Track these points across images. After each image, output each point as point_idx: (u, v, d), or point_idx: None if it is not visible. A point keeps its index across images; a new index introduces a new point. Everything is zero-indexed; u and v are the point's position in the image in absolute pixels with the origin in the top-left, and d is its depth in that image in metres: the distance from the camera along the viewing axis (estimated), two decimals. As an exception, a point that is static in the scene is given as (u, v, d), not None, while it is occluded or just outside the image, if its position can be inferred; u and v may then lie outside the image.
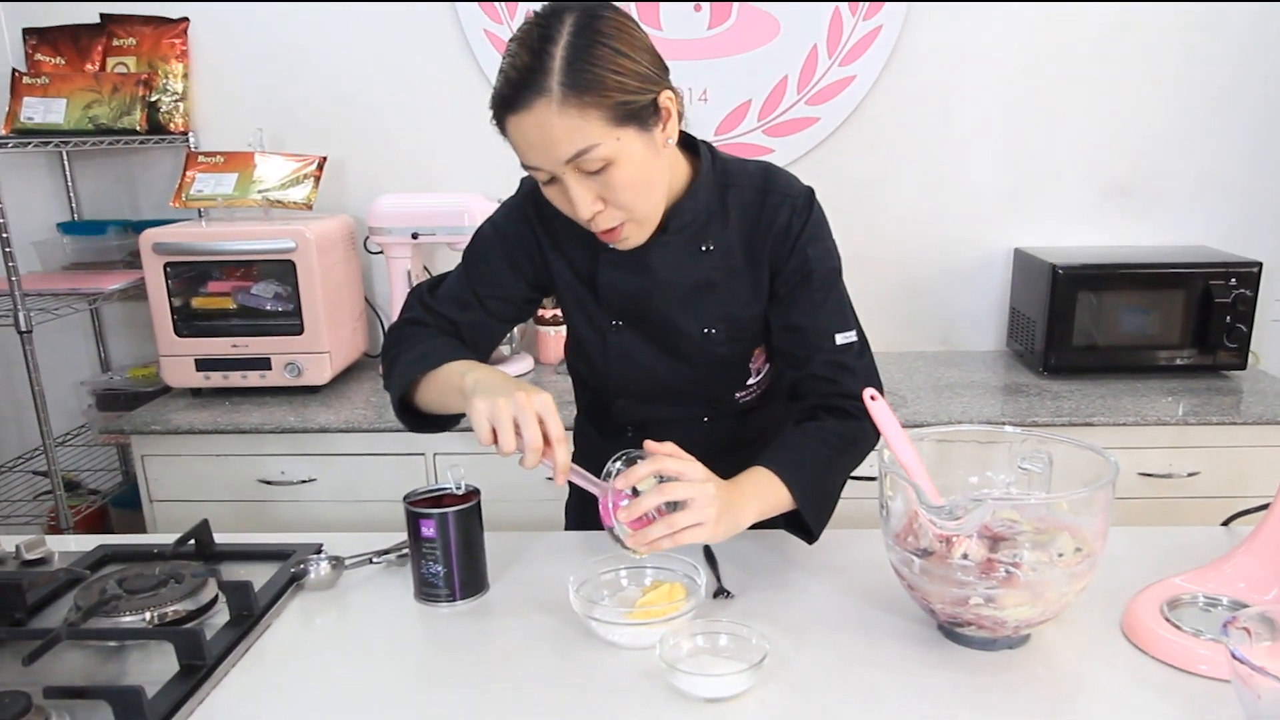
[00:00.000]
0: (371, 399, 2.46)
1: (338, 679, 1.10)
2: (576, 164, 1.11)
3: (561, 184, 1.15)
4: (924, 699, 1.03)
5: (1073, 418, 2.20)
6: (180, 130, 2.68)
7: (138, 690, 0.99)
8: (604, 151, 1.10)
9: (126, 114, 2.57)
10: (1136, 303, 2.46)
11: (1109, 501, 1.05)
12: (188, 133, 2.70)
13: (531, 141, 1.11)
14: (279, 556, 1.38)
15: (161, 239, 2.38)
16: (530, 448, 1.09)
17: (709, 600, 1.24)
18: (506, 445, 1.09)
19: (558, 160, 1.11)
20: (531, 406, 1.09)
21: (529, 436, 1.08)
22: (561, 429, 1.11)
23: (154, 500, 2.38)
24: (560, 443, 1.11)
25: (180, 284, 2.45)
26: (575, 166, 1.12)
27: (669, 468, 1.13)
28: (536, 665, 1.12)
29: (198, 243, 2.39)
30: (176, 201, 2.55)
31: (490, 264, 1.39)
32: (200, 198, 2.54)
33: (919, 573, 1.09)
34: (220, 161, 2.58)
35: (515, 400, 1.09)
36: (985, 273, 2.79)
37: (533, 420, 1.09)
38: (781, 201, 1.30)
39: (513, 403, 1.09)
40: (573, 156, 1.10)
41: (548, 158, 1.12)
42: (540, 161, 1.13)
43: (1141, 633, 1.12)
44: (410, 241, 2.53)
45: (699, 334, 1.34)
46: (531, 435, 1.08)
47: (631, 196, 1.16)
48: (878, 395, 1.13)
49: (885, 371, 2.61)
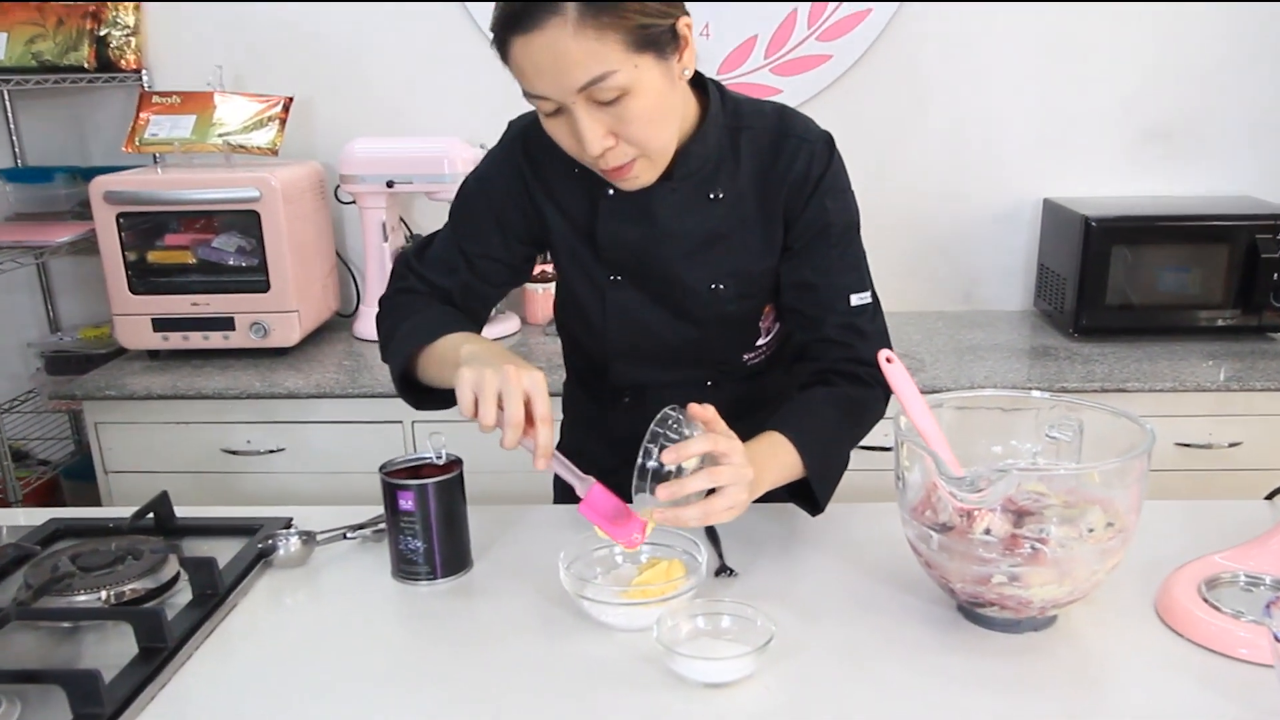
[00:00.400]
0: (344, 362, 2.45)
1: (309, 663, 1.11)
2: (589, 93, 1.10)
3: (569, 116, 1.13)
4: (942, 685, 1.04)
5: (1105, 383, 2.21)
6: (132, 68, 2.65)
7: (94, 674, 0.99)
8: (620, 80, 1.09)
9: (73, 49, 2.55)
10: (1176, 258, 2.46)
11: (1144, 473, 1.05)
12: (141, 70, 2.67)
13: (541, 66, 1.09)
14: (245, 531, 1.38)
15: (113, 187, 2.36)
16: (510, 422, 1.08)
17: (710, 579, 1.25)
18: (486, 417, 1.08)
19: (569, 88, 1.09)
20: (519, 381, 1.09)
21: (510, 411, 1.08)
22: (549, 409, 1.11)
23: (109, 471, 2.38)
24: (545, 423, 1.10)
25: (134, 236, 2.43)
26: (587, 96, 1.10)
27: (720, 447, 1.11)
28: (524, 648, 1.12)
29: (153, 191, 2.37)
30: (129, 146, 2.53)
31: (477, 222, 1.38)
32: (155, 142, 2.52)
33: (937, 549, 1.09)
34: (176, 102, 2.56)
35: (503, 373, 1.09)
36: (1011, 225, 2.78)
37: (517, 394, 1.08)
38: (799, 147, 1.29)
39: (500, 375, 1.09)
40: (586, 84, 1.09)
41: (558, 85, 1.10)
42: (549, 89, 1.11)
43: (1177, 614, 1.12)
44: (385, 191, 2.52)
45: (706, 290, 1.34)
46: (513, 409, 1.08)
47: (646, 131, 1.14)
48: (894, 357, 1.13)
49: (902, 333, 2.61)
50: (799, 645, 1.11)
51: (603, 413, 1.50)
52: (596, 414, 1.52)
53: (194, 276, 2.47)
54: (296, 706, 1.03)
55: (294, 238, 2.44)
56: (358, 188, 2.54)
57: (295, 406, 2.31)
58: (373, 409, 2.30)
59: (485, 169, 1.38)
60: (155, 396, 2.29)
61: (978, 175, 2.74)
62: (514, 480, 1.95)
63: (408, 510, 1.23)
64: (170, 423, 2.33)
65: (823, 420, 1.28)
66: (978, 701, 1.01)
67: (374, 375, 2.34)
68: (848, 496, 1.37)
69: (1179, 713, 0.99)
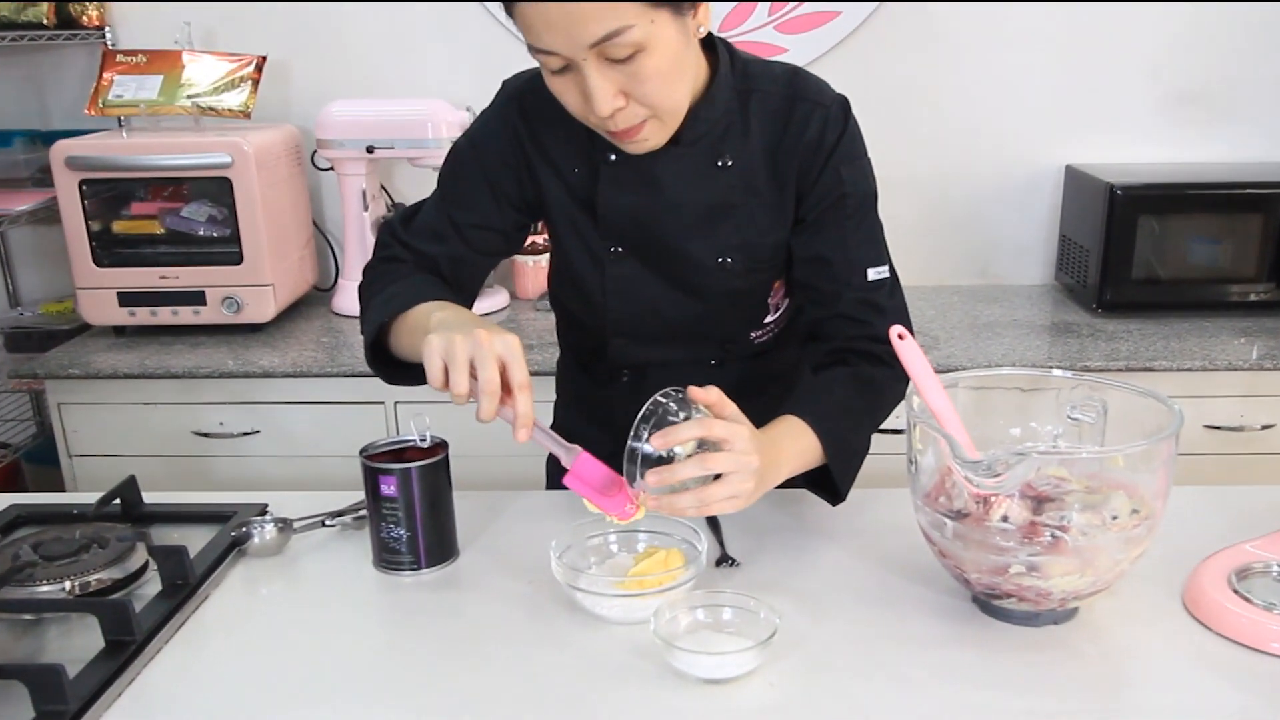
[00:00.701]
0: (322, 339, 2.45)
1: (286, 657, 1.11)
2: (602, 49, 1.09)
3: (578, 74, 1.12)
4: (956, 680, 1.04)
5: (1130, 362, 2.21)
6: (95, 25, 2.63)
7: (57, 669, 0.99)
8: (636, 35, 1.08)
9: (31, 5, 2.53)
10: (1206, 229, 2.46)
11: (1171, 456, 1.05)
12: (104, 28, 2.65)
13: (551, 19, 1.08)
14: (217, 519, 1.38)
15: (76, 152, 2.35)
16: (485, 390, 1.06)
17: (711, 569, 1.25)
18: (458, 386, 1.06)
19: (581, 44, 1.08)
20: (491, 345, 1.07)
21: (484, 378, 1.06)
22: (526, 375, 1.08)
23: (73, 455, 2.38)
24: (523, 390, 1.08)
25: (98, 205, 2.42)
26: (599, 53, 1.09)
27: (716, 433, 1.09)
28: (513, 642, 1.12)
29: (118, 157, 2.36)
30: (92, 109, 2.51)
31: (468, 187, 1.37)
32: (120, 104, 2.50)
33: (952, 537, 1.09)
34: (142, 62, 2.54)
35: (474, 337, 1.07)
36: (1032, 194, 2.77)
37: (490, 360, 1.06)
38: (812, 111, 1.29)
39: (470, 339, 1.07)
40: (600, 39, 1.08)
41: (569, 40, 1.09)
42: (559, 44, 1.10)
43: (1206, 606, 1.12)
44: (365, 156, 2.51)
45: (712, 263, 1.33)
46: (487, 376, 1.05)
47: (660, 90, 1.14)
48: (906, 334, 1.12)
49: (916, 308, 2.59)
50: (804, 639, 1.11)
51: (600, 393, 1.50)
52: (593, 394, 1.51)
53: (162, 248, 2.46)
54: (271, 704, 1.03)
55: (268, 207, 2.42)
56: (336, 153, 2.52)
57: (270, 386, 2.31)
58: (353, 389, 2.29)
59: (477, 131, 1.37)
60: (121, 375, 2.29)
61: (995, 140, 2.73)
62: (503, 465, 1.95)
63: (390, 496, 1.23)
64: (138, 403, 2.33)
65: (842, 403, 1.27)
66: (994, 698, 1.01)
67: (354, 353, 2.34)
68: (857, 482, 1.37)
69: (1207, 710, 0.99)
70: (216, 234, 2.45)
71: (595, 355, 1.47)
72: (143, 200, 2.49)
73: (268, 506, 1.40)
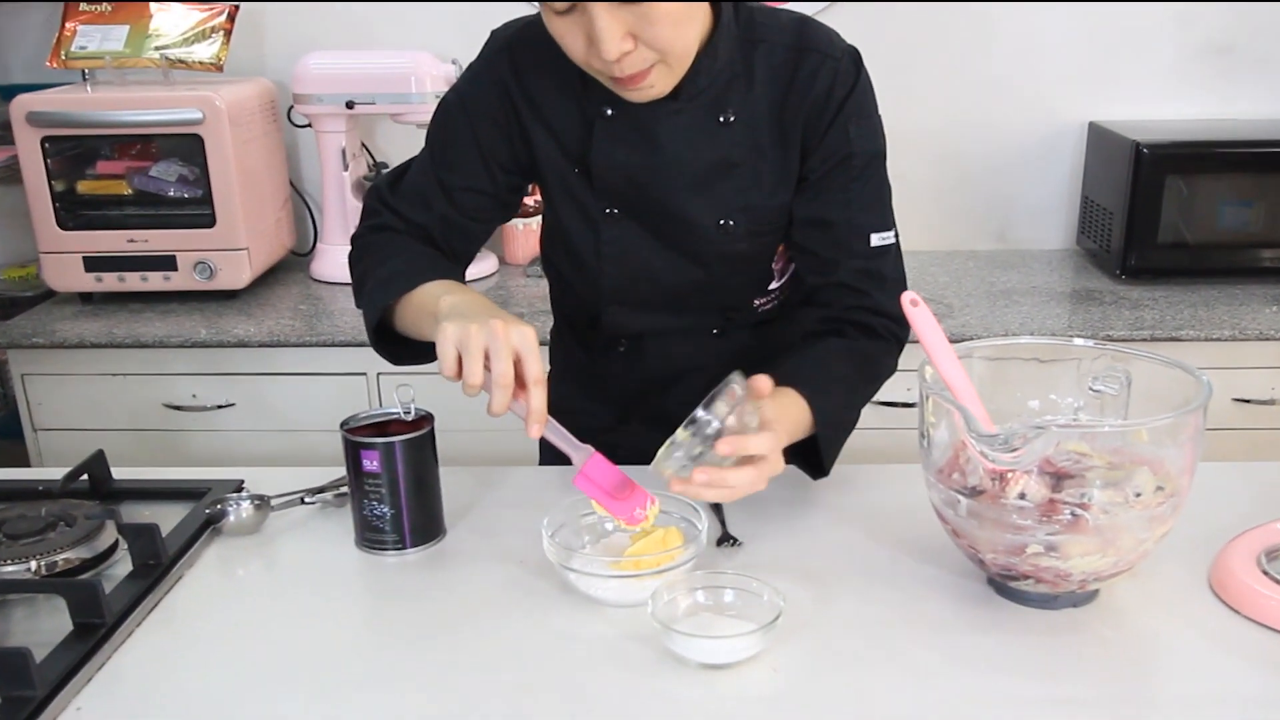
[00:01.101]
0: (301, 307, 2.45)
1: (263, 641, 1.11)
2: None
3: (583, 14, 1.11)
4: (969, 666, 1.04)
5: (1155, 331, 2.21)
6: (56, -30, 2.61)
7: (23, 653, 0.99)
8: None
9: (-12, -51, 2.51)
10: (1237, 190, 2.45)
11: (1199, 430, 1.05)
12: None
13: None
14: (191, 495, 1.38)
15: (37, 108, 2.33)
16: (499, 384, 1.08)
17: (711, 549, 1.25)
18: (472, 377, 1.09)
19: None
20: (507, 337, 1.09)
21: (499, 370, 1.08)
22: (540, 370, 1.11)
23: (38, 429, 2.38)
24: (538, 384, 1.10)
25: (62, 164, 2.41)
26: None
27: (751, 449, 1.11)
28: (502, 626, 1.12)
29: (82, 112, 2.35)
30: (54, 61, 2.50)
31: (456, 148, 1.36)
32: (83, 56, 2.49)
33: (966, 515, 1.09)
34: (107, 11, 2.53)
35: (489, 327, 1.09)
36: (1052, 153, 2.76)
37: (506, 352, 1.08)
38: (821, 63, 1.28)
39: (486, 330, 1.08)
40: None
41: None
42: None
43: (1234, 588, 1.13)
44: (344, 112, 2.50)
45: (713, 226, 1.33)
46: (502, 369, 1.08)
47: (671, 33, 1.13)
48: (920, 299, 1.12)
49: (927, 275, 2.61)
50: (810, 623, 1.11)
51: (595, 363, 1.50)
52: (588, 365, 1.51)
53: (130, 210, 2.46)
54: (247, 689, 1.03)
55: (242, 166, 2.41)
56: (314, 109, 2.51)
57: (246, 357, 2.31)
58: (333, 359, 2.29)
59: (464, 86, 1.36)
60: (89, 345, 2.29)
61: (1014, 96, 2.72)
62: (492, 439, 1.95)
63: (373, 472, 1.23)
64: (106, 374, 2.33)
65: (839, 378, 1.28)
66: (1009, 685, 1.02)
67: (334, 322, 2.34)
68: (865, 457, 1.37)
69: (1234, 696, 1.00)
70: (188, 195, 2.44)
71: (590, 323, 1.46)
72: (109, 159, 2.48)
73: (244, 483, 1.40)
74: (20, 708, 0.96)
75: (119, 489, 1.40)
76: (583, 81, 1.25)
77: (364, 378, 2.31)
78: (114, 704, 1.01)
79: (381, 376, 2.30)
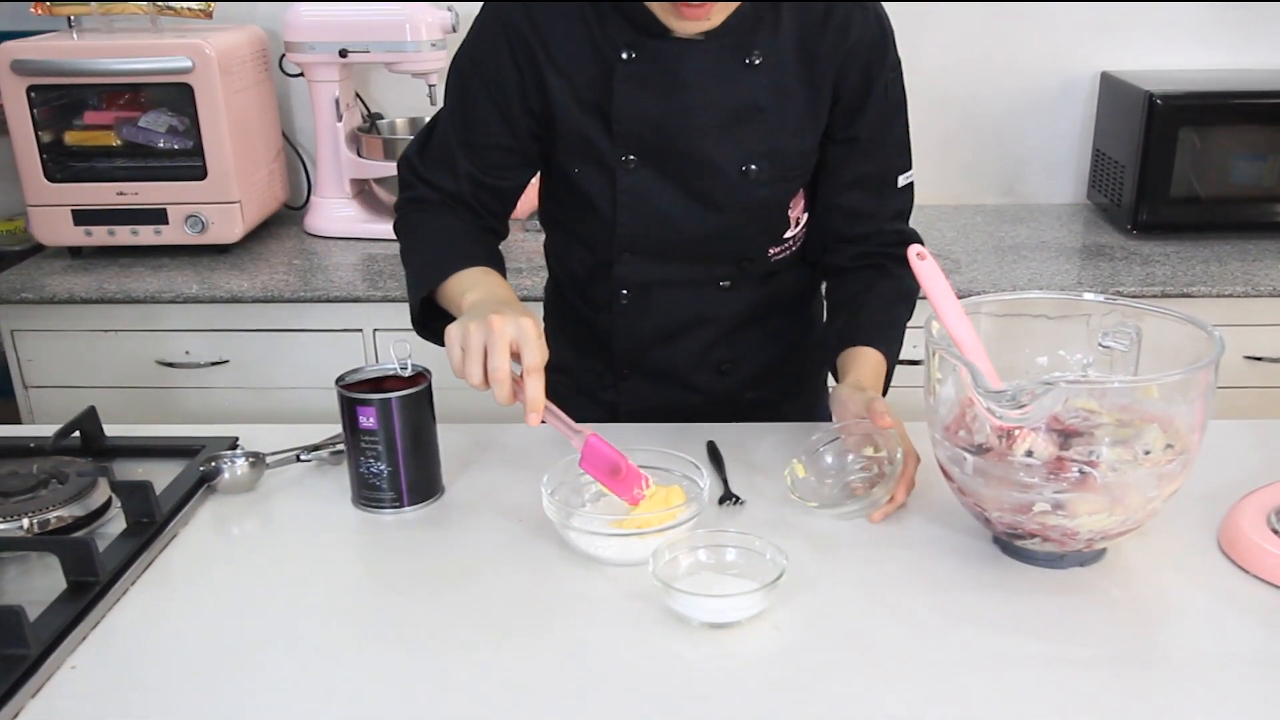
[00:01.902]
0: (295, 261, 2.44)
1: (258, 600, 1.12)
2: None
3: None
4: (975, 625, 1.05)
5: (1167, 287, 2.20)
6: (40, -86, 2.58)
7: (17, 611, 0.99)
8: None
9: (-30, -108, 2.48)
10: (1252, 143, 2.44)
11: (1210, 387, 1.05)
12: (50, -82, 2.60)
13: None
14: (185, 453, 1.38)
15: (22, 55, 2.32)
16: (495, 379, 1.13)
17: (713, 507, 1.25)
18: (471, 375, 1.14)
19: None
20: (504, 332, 1.13)
21: (493, 365, 1.13)
22: (536, 359, 1.14)
23: (29, 386, 2.38)
24: (532, 374, 1.14)
25: (49, 114, 2.40)
26: None
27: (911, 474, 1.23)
28: (501, 584, 1.13)
29: (68, 60, 2.33)
30: (39, 7, 2.48)
31: (473, 104, 1.36)
32: (70, 0, 2.46)
33: (972, 473, 1.09)
34: (94, -45, 2.50)
35: (486, 324, 1.13)
36: (1062, 104, 2.75)
37: (501, 348, 1.13)
38: (852, 10, 1.30)
39: (484, 328, 1.13)
40: None
41: None
42: None
43: (1243, 547, 1.13)
44: (337, 61, 2.48)
45: (735, 172, 1.33)
46: (496, 363, 1.13)
47: None
48: (926, 253, 1.12)
49: (936, 229, 2.60)
50: (813, 582, 1.12)
51: (595, 317, 1.49)
52: (586, 320, 1.51)
53: (119, 161, 2.44)
54: (242, 649, 1.04)
55: (233, 116, 2.40)
56: (306, 57, 2.49)
57: (239, 312, 2.30)
58: (328, 315, 2.29)
59: (475, 37, 1.35)
60: (79, 300, 2.28)
61: (1024, 45, 2.70)
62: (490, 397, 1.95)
63: (369, 429, 1.23)
64: (97, 330, 2.33)
65: (896, 323, 1.39)
66: (1015, 644, 1.02)
67: (329, 277, 2.33)
68: (871, 413, 1.37)
69: (1243, 656, 1.00)
70: (178, 146, 2.43)
71: (594, 275, 1.46)
72: (97, 109, 2.46)
73: (238, 440, 1.40)
74: (14, 666, 0.97)
75: (111, 446, 1.40)
76: (599, 22, 1.25)
77: (360, 334, 2.31)
78: (109, 662, 1.02)
79: (378, 333, 2.30)
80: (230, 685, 0.98)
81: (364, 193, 2.65)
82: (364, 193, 2.65)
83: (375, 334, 2.30)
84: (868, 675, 0.98)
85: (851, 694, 0.95)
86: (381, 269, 2.37)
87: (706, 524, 1.18)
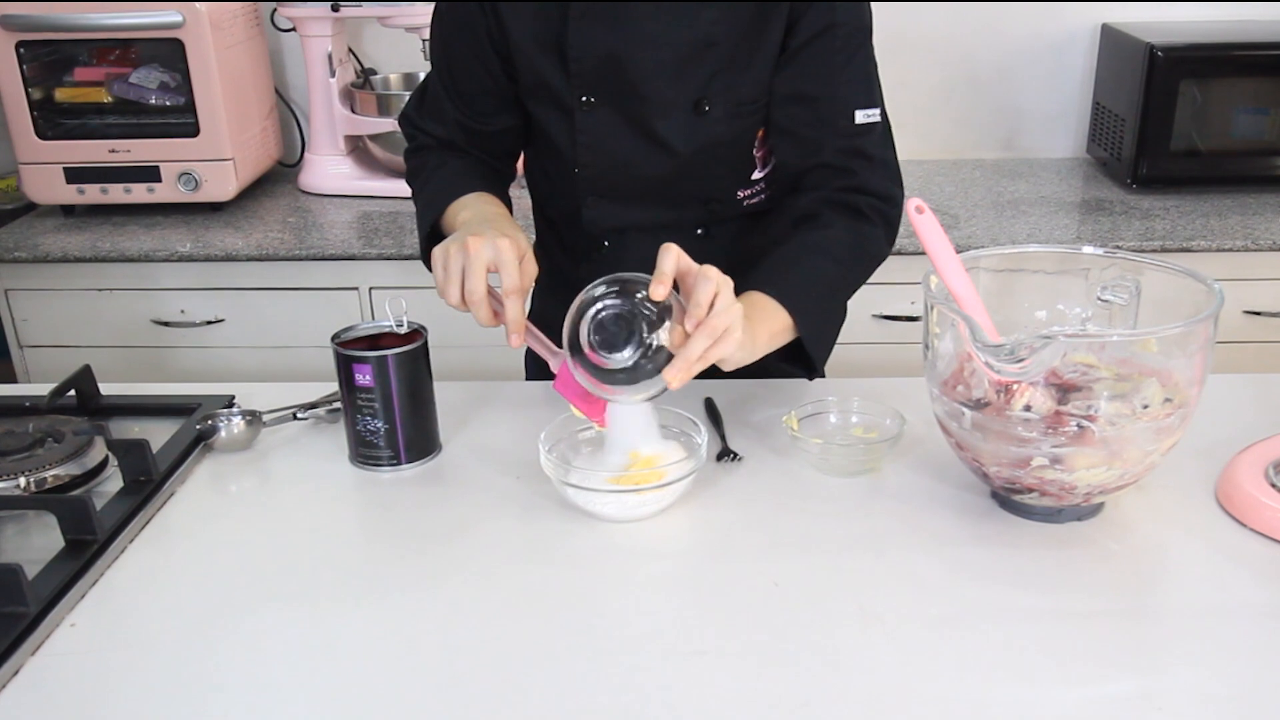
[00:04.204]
0: (289, 219, 2.43)
1: (256, 557, 1.12)
2: None
3: None
4: (973, 579, 1.06)
5: (1166, 241, 2.20)
6: None
7: (15, 569, 1.00)
8: None
9: None
10: (1254, 96, 2.42)
11: (1209, 340, 1.05)
12: None
13: None
14: (181, 411, 1.38)
15: (10, 10, 2.30)
16: (471, 300, 1.14)
17: (711, 464, 1.26)
18: (449, 296, 1.15)
19: None
20: (479, 254, 1.14)
21: (469, 287, 1.14)
22: (515, 280, 1.15)
23: (24, 345, 2.38)
24: (511, 295, 1.15)
25: (38, 70, 2.38)
26: None
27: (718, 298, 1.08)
28: (499, 542, 1.13)
29: (57, 15, 2.31)
30: (27, -38, 2.45)
31: (453, 51, 1.39)
32: (58, -43, 2.44)
33: (970, 428, 1.09)
34: (81, -91, 2.47)
35: (462, 245, 1.14)
36: (1063, 56, 2.73)
37: (477, 269, 1.13)
38: None
39: (460, 248, 1.14)
40: None
41: None
42: None
43: (1241, 501, 1.14)
44: (330, 16, 2.46)
45: (690, 109, 1.33)
46: (473, 284, 1.14)
47: None
48: (925, 206, 1.11)
49: (934, 183, 2.59)
50: (810, 537, 1.12)
51: (578, 270, 1.48)
52: (570, 272, 1.50)
53: (111, 118, 2.43)
54: (241, 606, 1.04)
55: (226, 72, 2.38)
56: (298, 12, 2.47)
57: (234, 270, 2.30)
58: (324, 273, 2.29)
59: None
60: (72, 259, 2.27)
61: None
62: (486, 354, 1.95)
63: (366, 386, 1.23)
64: (92, 289, 2.32)
65: (813, 273, 1.27)
66: (1012, 598, 1.03)
67: (324, 234, 2.32)
68: (867, 370, 1.38)
69: (1240, 609, 1.01)
70: (170, 103, 2.41)
71: (571, 224, 1.46)
72: (87, 65, 2.44)
73: (235, 398, 1.40)
74: (14, 624, 0.97)
75: (107, 405, 1.40)
76: None
77: (355, 292, 2.30)
78: (107, 619, 1.03)
79: (373, 291, 2.30)
80: (228, 642, 0.99)
81: (358, 149, 2.64)
82: (358, 149, 2.64)
83: (371, 291, 2.30)
84: (866, 630, 0.98)
85: (850, 647, 0.96)
86: (377, 226, 2.36)
87: (705, 480, 1.18)
